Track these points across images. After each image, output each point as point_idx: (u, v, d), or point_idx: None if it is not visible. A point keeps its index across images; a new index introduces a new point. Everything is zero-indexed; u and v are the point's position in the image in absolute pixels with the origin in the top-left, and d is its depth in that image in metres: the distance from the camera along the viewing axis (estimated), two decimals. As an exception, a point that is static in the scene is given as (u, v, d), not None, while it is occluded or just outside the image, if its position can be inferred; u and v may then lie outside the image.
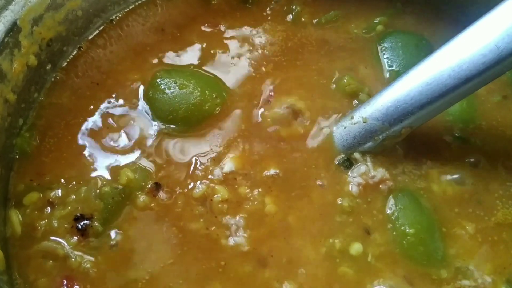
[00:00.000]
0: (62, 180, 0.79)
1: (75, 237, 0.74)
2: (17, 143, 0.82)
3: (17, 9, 0.77)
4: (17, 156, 0.82)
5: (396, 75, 0.88)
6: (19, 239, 0.75)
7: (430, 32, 0.95)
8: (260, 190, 0.79)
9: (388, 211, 0.77)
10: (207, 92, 0.85)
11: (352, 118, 0.81)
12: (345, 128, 0.82)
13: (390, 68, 0.91)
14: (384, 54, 0.92)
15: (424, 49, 0.92)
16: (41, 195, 0.77)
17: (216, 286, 0.73)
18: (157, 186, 0.78)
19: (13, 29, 0.77)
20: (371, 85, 0.88)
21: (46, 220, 0.76)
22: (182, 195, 0.78)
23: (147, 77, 0.89)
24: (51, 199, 0.77)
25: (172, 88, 0.84)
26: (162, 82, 0.85)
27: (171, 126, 0.84)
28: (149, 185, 0.78)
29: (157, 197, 0.78)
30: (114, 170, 0.80)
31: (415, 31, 0.95)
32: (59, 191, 0.78)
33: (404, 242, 0.75)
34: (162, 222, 0.77)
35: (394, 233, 0.76)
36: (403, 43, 0.93)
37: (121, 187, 0.77)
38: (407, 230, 0.75)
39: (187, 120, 0.83)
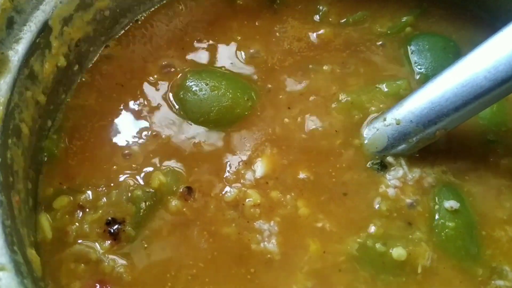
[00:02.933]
0: (92, 183, 0.78)
1: (108, 242, 0.73)
2: (46, 145, 0.81)
3: (48, 9, 0.76)
4: (45, 159, 0.80)
5: (424, 78, 0.88)
6: (50, 244, 0.74)
7: (458, 34, 0.94)
8: (292, 194, 0.78)
9: (431, 205, 0.77)
10: (238, 94, 0.84)
11: (385, 120, 0.80)
12: (377, 130, 0.81)
13: (418, 71, 0.90)
14: (412, 56, 0.91)
15: (451, 51, 0.91)
16: (71, 199, 0.76)
17: None
18: (189, 190, 0.77)
19: (45, 29, 0.76)
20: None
21: (78, 224, 0.75)
22: (214, 199, 0.77)
23: (173, 77, 0.88)
24: (81, 203, 0.76)
25: (203, 90, 0.83)
26: (193, 83, 0.84)
27: (202, 127, 0.83)
28: (181, 189, 0.77)
29: (189, 201, 0.77)
30: (145, 174, 0.79)
31: (443, 33, 0.94)
32: (90, 194, 0.77)
33: (443, 234, 0.75)
34: (194, 226, 0.76)
35: (435, 229, 0.75)
36: (430, 46, 0.92)
37: (153, 190, 0.76)
38: (447, 223, 0.75)
39: (218, 122, 0.83)
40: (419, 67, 0.90)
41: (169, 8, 0.97)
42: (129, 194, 0.76)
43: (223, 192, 0.78)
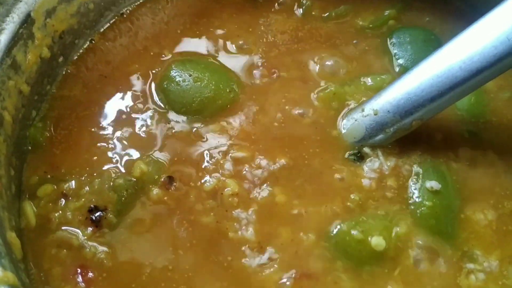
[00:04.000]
0: (75, 172, 0.79)
1: (90, 228, 0.75)
2: (31, 133, 0.82)
3: (31, 1, 0.77)
4: (30, 148, 0.82)
5: (404, 70, 0.89)
6: (33, 231, 0.76)
7: (440, 27, 0.96)
8: (268, 183, 0.79)
9: (410, 188, 0.78)
10: (221, 86, 0.85)
11: (363, 110, 0.82)
12: (355, 120, 0.82)
13: (398, 63, 0.91)
14: (392, 49, 0.93)
15: (432, 44, 0.92)
16: (55, 187, 0.78)
17: (222, 282, 0.73)
18: (170, 180, 0.79)
19: (27, 20, 0.77)
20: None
21: (61, 212, 0.76)
22: (194, 189, 0.79)
23: (157, 69, 0.89)
24: (65, 191, 0.77)
25: (186, 80, 0.85)
26: (177, 74, 0.86)
27: (184, 117, 0.84)
28: (162, 179, 0.79)
29: (170, 190, 0.78)
30: (127, 163, 0.80)
31: (425, 26, 0.96)
32: (73, 183, 0.78)
33: (418, 211, 0.76)
34: (174, 215, 0.77)
35: (412, 206, 0.77)
36: (412, 38, 0.93)
37: (135, 179, 0.78)
38: (424, 202, 0.76)
39: (200, 113, 0.84)
40: (399, 59, 0.91)
41: (155, 1, 0.98)
42: (111, 183, 0.77)
43: (202, 181, 0.79)
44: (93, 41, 0.93)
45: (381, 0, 0.98)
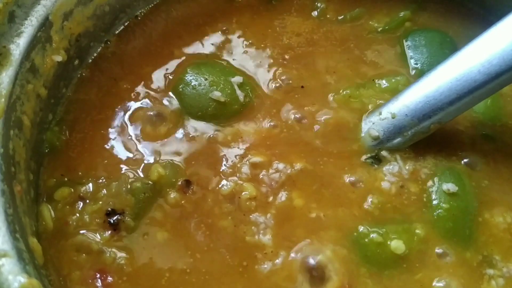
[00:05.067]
0: (92, 175, 0.79)
1: (108, 232, 0.75)
2: (47, 137, 0.82)
3: (49, 4, 0.77)
4: (47, 151, 0.82)
5: (420, 73, 0.89)
6: (51, 234, 0.75)
7: (454, 29, 0.96)
8: (286, 187, 0.79)
9: (428, 191, 0.78)
10: (236, 90, 0.85)
11: (380, 114, 0.82)
12: (373, 123, 0.82)
13: (414, 66, 0.91)
14: (408, 51, 0.93)
15: (448, 47, 0.92)
16: (72, 190, 0.77)
17: (237, 285, 0.72)
18: (187, 183, 0.79)
19: (45, 23, 0.77)
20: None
21: (78, 215, 0.76)
22: (211, 193, 0.78)
23: (171, 72, 0.89)
24: (82, 194, 0.77)
25: (202, 85, 0.85)
26: (192, 77, 0.85)
27: (200, 122, 0.84)
28: (180, 182, 0.79)
29: (187, 194, 0.78)
30: (144, 166, 0.80)
31: (439, 28, 0.95)
32: (90, 186, 0.78)
33: (435, 214, 0.76)
34: (191, 218, 0.77)
35: (429, 209, 0.76)
36: (427, 41, 0.93)
37: (152, 183, 0.77)
38: (441, 204, 0.76)
39: (215, 117, 0.84)
40: (415, 62, 0.91)
41: (169, 4, 0.98)
42: (129, 186, 0.77)
43: (220, 185, 0.79)
44: (108, 43, 0.92)
45: (395, 2, 0.98)
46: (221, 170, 0.80)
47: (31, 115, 0.76)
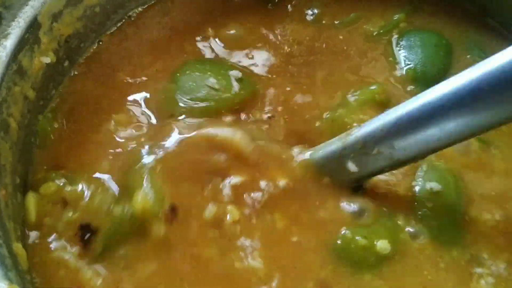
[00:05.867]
0: (81, 178, 0.76)
1: (76, 247, 0.71)
2: (40, 124, 0.81)
3: (37, 5, 0.76)
4: (37, 142, 0.80)
5: (413, 73, 0.87)
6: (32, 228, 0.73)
7: (450, 30, 0.94)
8: (270, 207, 0.74)
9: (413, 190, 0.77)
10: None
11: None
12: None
13: (407, 66, 0.89)
14: (401, 52, 0.91)
15: (443, 49, 0.91)
16: (58, 187, 0.75)
17: None
18: (173, 210, 0.73)
19: (33, 25, 0.76)
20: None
21: (53, 219, 0.73)
22: (195, 218, 0.73)
23: (166, 71, 0.88)
24: (66, 196, 0.74)
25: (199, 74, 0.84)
26: (187, 77, 0.85)
27: (194, 119, 0.82)
28: (167, 207, 0.72)
29: (173, 223, 0.73)
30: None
31: (435, 29, 0.94)
32: (77, 188, 0.75)
33: (420, 213, 0.75)
34: (175, 249, 0.72)
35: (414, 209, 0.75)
36: (422, 42, 0.91)
37: (134, 210, 0.71)
38: (425, 203, 0.75)
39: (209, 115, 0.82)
40: (408, 62, 0.90)
41: (163, 4, 0.97)
42: (112, 206, 0.73)
43: (203, 209, 0.74)
44: (100, 43, 0.92)
45: (390, 5, 0.97)
46: (204, 192, 0.75)
47: (18, 118, 0.75)
